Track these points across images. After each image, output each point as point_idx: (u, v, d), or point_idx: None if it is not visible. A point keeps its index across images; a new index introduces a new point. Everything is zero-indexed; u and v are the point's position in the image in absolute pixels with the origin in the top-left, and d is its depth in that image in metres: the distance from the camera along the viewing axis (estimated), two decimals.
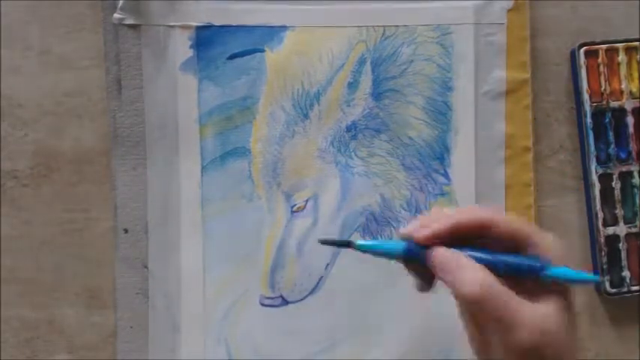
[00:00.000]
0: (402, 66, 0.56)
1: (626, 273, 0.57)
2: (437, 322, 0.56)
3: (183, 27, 0.55)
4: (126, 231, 0.55)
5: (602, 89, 0.57)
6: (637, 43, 0.57)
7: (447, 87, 0.56)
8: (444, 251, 0.40)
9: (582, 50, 0.57)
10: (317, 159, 0.56)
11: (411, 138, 0.56)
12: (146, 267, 0.55)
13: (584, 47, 0.57)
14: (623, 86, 0.57)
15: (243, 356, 0.56)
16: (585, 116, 0.57)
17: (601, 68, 0.57)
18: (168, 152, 0.55)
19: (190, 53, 0.55)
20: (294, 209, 0.55)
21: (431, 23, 0.56)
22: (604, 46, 0.57)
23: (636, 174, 0.57)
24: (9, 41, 0.56)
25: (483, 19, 0.56)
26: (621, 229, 0.57)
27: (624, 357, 0.58)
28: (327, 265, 0.56)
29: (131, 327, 0.55)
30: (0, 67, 0.56)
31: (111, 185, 0.56)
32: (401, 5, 0.56)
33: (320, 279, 0.56)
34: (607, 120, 0.57)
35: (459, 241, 0.41)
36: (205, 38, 0.55)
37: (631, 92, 0.57)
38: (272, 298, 0.56)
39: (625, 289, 0.57)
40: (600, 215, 0.57)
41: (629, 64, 0.57)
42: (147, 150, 0.55)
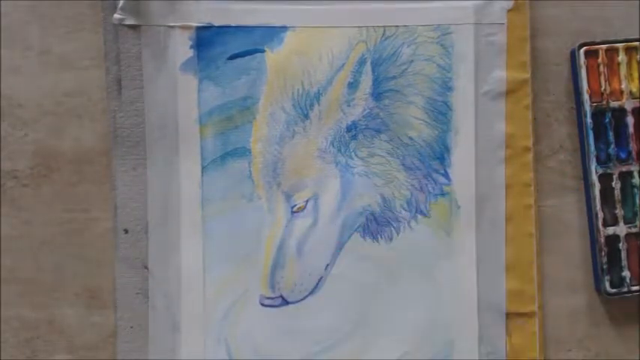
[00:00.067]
0: (402, 66, 0.56)
1: (626, 273, 0.57)
2: (437, 322, 0.56)
3: (183, 27, 0.55)
4: (126, 231, 0.55)
5: (602, 89, 0.57)
6: (637, 43, 0.57)
7: (447, 87, 0.56)
8: None
9: (582, 50, 0.57)
10: (317, 159, 0.56)
11: (411, 138, 0.56)
12: (146, 267, 0.55)
13: (584, 47, 0.57)
14: (623, 86, 0.57)
15: (243, 356, 0.56)
16: (585, 116, 0.57)
17: (601, 68, 0.57)
18: (168, 152, 0.55)
19: (190, 53, 0.55)
20: (294, 209, 0.56)
21: (431, 23, 0.56)
22: (604, 46, 0.57)
23: (636, 174, 0.57)
24: (9, 41, 0.56)
25: (483, 19, 0.56)
26: (621, 229, 0.57)
27: (624, 357, 0.58)
28: (327, 266, 0.56)
29: (131, 327, 0.55)
30: (0, 67, 0.56)
31: (111, 185, 0.56)
32: (401, 5, 0.56)
33: (320, 279, 0.56)
34: (607, 120, 0.57)
35: None
36: (205, 38, 0.55)
37: (631, 92, 0.57)
38: (272, 298, 0.56)
39: (625, 289, 0.57)
40: (600, 215, 0.57)
41: (629, 64, 0.57)
42: (147, 150, 0.55)
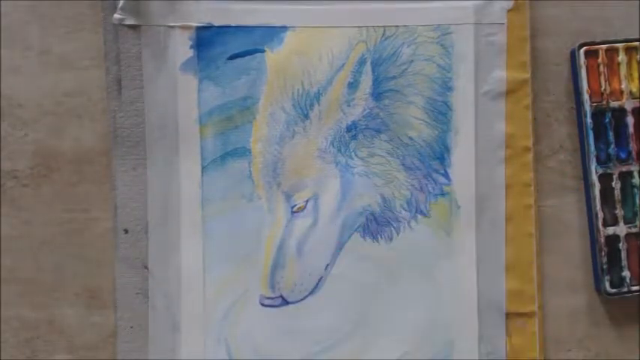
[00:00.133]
0: (402, 66, 0.56)
1: (626, 273, 0.57)
2: (437, 322, 0.56)
3: (183, 27, 0.55)
4: (126, 231, 0.55)
5: (602, 89, 0.57)
6: (637, 43, 0.57)
7: (447, 87, 0.56)
8: None
9: (582, 50, 0.57)
10: (317, 159, 0.56)
11: (411, 138, 0.56)
12: (146, 267, 0.55)
13: (584, 47, 0.57)
14: (623, 86, 0.57)
15: (243, 356, 0.56)
16: (585, 116, 0.57)
17: (601, 68, 0.57)
18: (168, 152, 0.55)
19: (190, 53, 0.55)
20: (294, 209, 0.55)
21: (431, 23, 0.56)
22: (604, 46, 0.57)
23: (636, 174, 0.57)
24: (9, 41, 0.56)
25: (483, 19, 0.56)
26: (621, 229, 0.57)
27: (624, 357, 0.58)
28: (327, 266, 0.56)
29: (131, 327, 0.55)
30: (0, 67, 0.56)
31: (111, 185, 0.56)
32: (401, 5, 0.56)
33: (320, 279, 0.56)
34: (607, 120, 0.57)
35: None
36: (205, 38, 0.55)
37: (631, 92, 0.57)
38: (272, 298, 0.56)
39: (625, 289, 0.57)
40: (600, 215, 0.57)
41: (629, 64, 0.57)
42: (147, 150, 0.55)
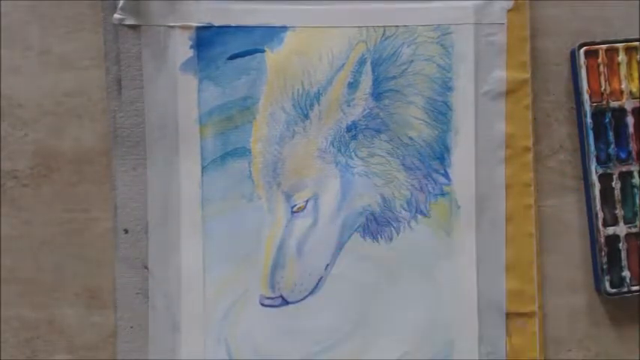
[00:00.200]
0: (402, 66, 0.56)
1: (626, 273, 0.57)
2: (437, 322, 0.56)
3: (183, 27, 0.55)
4: (126, 231, 0.55)
5: (602, 89, 0.57)
6: (637, 43, 0.57)
7: (447, 87, 0.56)
8: None
9: (582, 50, 0.57)
10: (317, 159, 0.56)
11: (411, 138, 0.56)
12: (146, 267, 0.55)
13: (584, 47, 0.57)
14: (623, 86, 0.57)
15: (243, 356, 0.56)
16: (585, 116, 0.57)
17: (601, 68, 0.57)
18: (168, 152, 0.55)
19: (190, 53, 0.55)
20: (294, 209, 0.55)
21: (431, 23, 0.56)
22: (604, 46, 0.57)
23: (636, 174, 0.57)
24: (9, 41, 0.56)
25: (483, 19, 0.56)
26: (621, 229, 0.57)
27: (624, 357, 0.58)
28: (327, 266, 0.56)
29: (131, 327, 0.55)
30: (0, 67, 0.56)
31: (111, 185, 0.56)
32: (401, 5, 0.56)
33: (320, 279, 0.56)
34: (607, 120, 0.57)
35: None
36: (205, 38, 0.55)
37: (631, 92, 0.57)
38: (272, 298, 0.56)
39: (625, 289, 0.57)
40: (600, 215, 0.57)
41: (629, 64, 0.57)
42: (147, 150, 0.55)
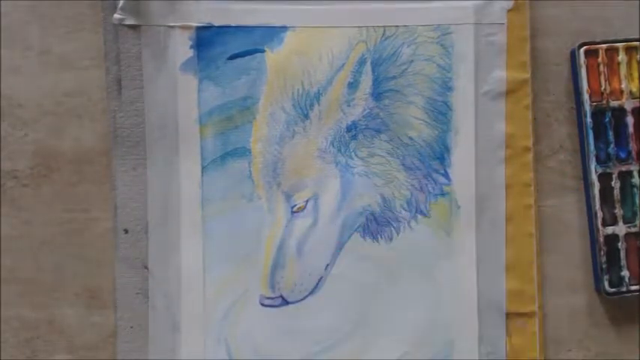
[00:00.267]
0: (402, 66, 0.56)
1: (625, 272, 0.57)
2: (437, 322, 0.56)
3: (183, 27, 0.55)
4: (126, 231, 0.55)
5: (602, 89, 0.57)
6: (637, 43, 0.57)
7: (447, 87, 0.56)
8: None
9: (582, 50, 0.57)
10: (317, 159, 0.56)
11: (411, 138, 0.56)
12: (146, 267, 0.55)
13: (584, 47, 0.57)
14: (623, 86, 0.57)
15: (243, 356, 0.56)
16: (585, 116, 0.57)
17: (601, 68, 0.57)
18: (168, 152, 0.55)
19: (190, 53, 0.55)
20: (294, 209, 0.55)
21: (431, 23, 0.56)
22: (604, 46, 0.57)
23: (636, 173, 0.57)
24: (9, 41, 0.56)
25: (483, 19, 0.56)
26: (620, 229, 0.57)
27: (624, 357, 0.58)
28: (327, 266, 0.56)
29: (131, 327, 0.55)
30: (0, 67, 0.56)
31: (111, 185, 0.56)
32: (401, 5, 0.56)
33: (320, 279, 0.56)
34: (607, 120, 0.57)
35: None
36: (205, 38, 0.55)
37: (631, 92, 0.57)
38: (272, 298, 0.56)
39: (624, 289, 0.57)
40: (600, 215, 0.57)
41: (629, 64, 0.57)
42: (147, 150, 0.55)
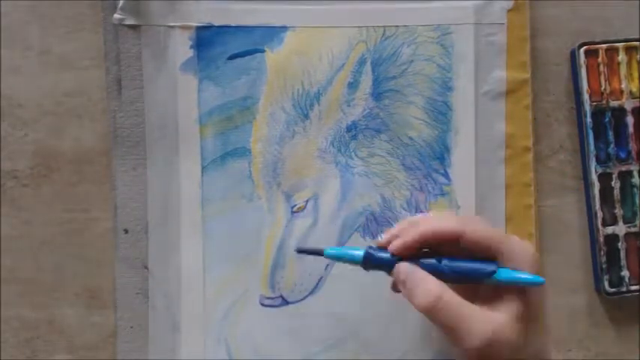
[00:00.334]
0: (402, 66, 0.56)
1: (625, 272, 0.57)
2: None
3: (183, 27, 0.55)
4: (126, 231, 0.55)
5: (602, 89, 0.57)
6: (637, 43, 0.57)
7: (447, 87, 0.56)
8: (403, 266, 0.45)
9: (582, 50, 0.57)
10: (317, 159, 0.56)
11: (411, 138, 0.56)
12: (146, 267, 0.55)
13: (584, 47, 0.57)
14: (623, 86, 0.57)
15: (243, 356, 0.56)
16: (585, 116, 0.57)
17: (601, 68, 0.57)
18: (168, 152, 0.55)
19: (190, 53, 0.55)
20: (294, 209, 0.55)
21: (431, 23, 0.56)
22: (604, 46, 0.57)
23: (636, 173, 0.57)
24: (9, 41, 0.56)
25: (483, 19, 0.56)
26: (620, 229, 0.57)
27: (624, 357, 0.58)
28: (327, 266, 0.56)
29: (131, 327, 0.55)
30: (0, 67, 0.56)
31: (111, 185, 0.56)
32: (401, 5, 0.56)
33: (320, 279, 0.56)
34: (607, 119, 0.57)
35: (430, 247, 0.45)
36: (205, 38, 0.55)
37: (631, 92, 0.57)
38: (272, 298, 0.56)
39: (624, 289, 0.57)
40: (600, 215, 0.57)
41: (629, 64, 0.57)
42: (147, 150, 0.55)
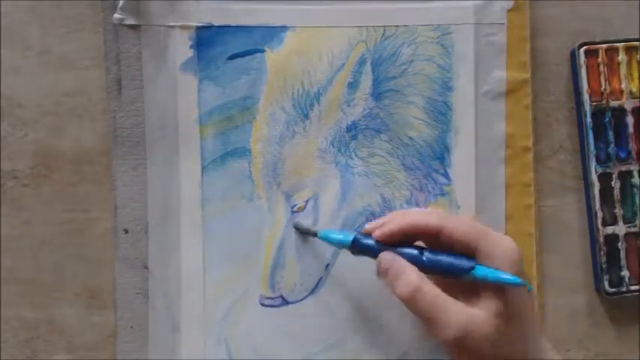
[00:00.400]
0: (402, 66, 0.56)
1: (625, 272, 0.57)
2: None
3: (183, 27, 0.55)
4: (126, 231, 0.55)
5: (602, 89, 0.57)
6: (637, 43, 0.57)
7: (447, 87, 0.56)
8: (386, 255, 0.46)
9: (582, 50, 0.57)
10: (317, 159, 0.56)
11: (411, 138, 0.56)
12: (146, 267, 0.55)
13: (584, 47, 0.57)
14: (623, 86, 0.57)
15: (243, 356, 0.56)
16: (585, 116, 0.57)
17: (601, 68, 0.57)
18: (168, 152, 0.55)
19: (190, 53, 0.55)
20: (294, 209, 0.55)
21: (431, 23, 0.56)
22: (604, 46, 0.57)
23: (636, 173, 0.57)
24: (9, 41, 0.56)
25: (483, 19, 0.56)
26: (620, 229, 0.57)
27: (624, 357, 0.58)
28: (327, 265, 0.56)
29: (131, 327, 0.55)
30: (0, 67, 0.56)
31: (111, 185, 0.56)
32: (401, 5, 0.56)
33: (320, 279, 0.56)
34: (607, 119, 0.57)
35: (413, 239, 0.47)
36: (205, 38, 0.55)
37: (631, 92, 0.57)
38: (272, 298, 0.56)
39: (624, 289, 0.57)
40: (600, 215, 0.57)
41: (629, 64, 0.57)
42: (147, 150, 0.55)
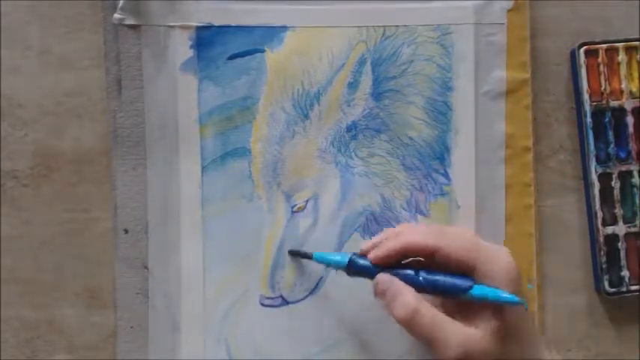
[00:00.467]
0: (402, 66, 0.56)
1: (625, 272, 0.57)
2: None
3: (183, 27, 0.55)
4: (126, 231, 0.55)
5: (602, 89, 0.57)
6: (637, 43, 0.57)
7: (447, 87, 0.56)
8: (382, 277, 0.46)
9: (582, 50, 0.57)
10: (317, 159, 0.56)
11: (411, 138, 0.56)
12: (146, 267, 0.55)
13: (584, 47, 0.57)
14: (623, 86, 0.57)
15: (243, 356, 0.56)
16: (585, 116, 0.57)
17: (601, 68, 0.57)
18: (168, 152, 0.55)
19: (190, 53, 0.55)
20: (294, 209, 0.55)
21: (431, 23, 0.56)
22: (604, 46, 0.57)
23: (636, 173, 0.57)
24: (9, 41, 0.56)
25: (483, 19, 0.56)
26: (620, 229, 0.57)
27: (624, 357, 0.58)
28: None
29: (131, 327, 0.55)
30: (0, 67, 0.56)
31: (111, 185, 0.56)
32: (401, 5, 0.56)
33: (320, 279, 0.56)
34: (607, 119, 0.57)
35: (410, 257, 0.47)
36: (205, 38, 0.55)
37: (631, 92, 0.57)
38: (272, 298, 0.56)
39: (624, 289, 0.57)
40: (600, 215, 0.57)
41: (629, 64, 0.57)
42: (147, 150, 0.55)
